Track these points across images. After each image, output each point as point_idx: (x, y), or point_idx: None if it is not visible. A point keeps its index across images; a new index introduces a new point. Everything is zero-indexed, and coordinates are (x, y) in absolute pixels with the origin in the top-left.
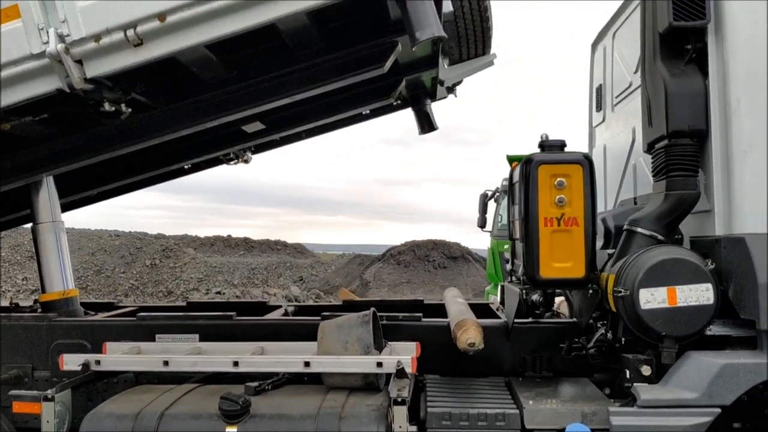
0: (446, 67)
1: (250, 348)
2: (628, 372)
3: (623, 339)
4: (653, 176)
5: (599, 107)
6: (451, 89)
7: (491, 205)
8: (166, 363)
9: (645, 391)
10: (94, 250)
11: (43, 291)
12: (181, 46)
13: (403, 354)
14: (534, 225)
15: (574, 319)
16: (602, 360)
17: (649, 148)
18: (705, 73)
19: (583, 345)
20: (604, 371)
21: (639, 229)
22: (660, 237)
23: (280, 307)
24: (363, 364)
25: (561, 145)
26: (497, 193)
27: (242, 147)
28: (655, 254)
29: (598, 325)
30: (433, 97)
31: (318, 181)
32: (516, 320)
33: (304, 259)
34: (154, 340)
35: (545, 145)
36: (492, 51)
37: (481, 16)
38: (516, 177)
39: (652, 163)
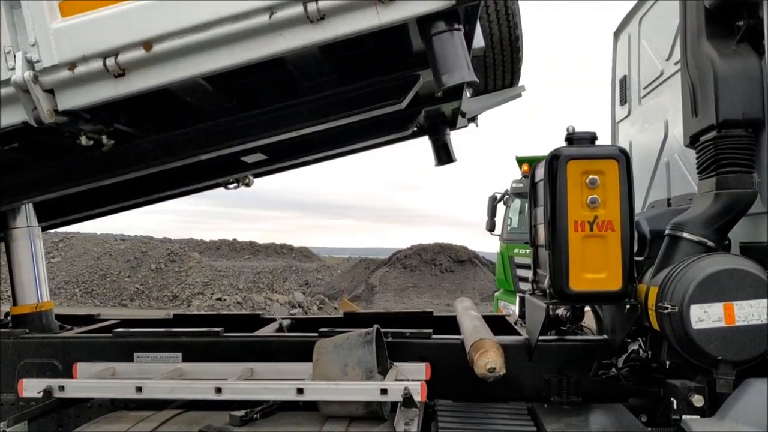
0: (469, 97)
1: (238, 370)
2: (675, 402)
3: (668, 363)
4: (699, 173)
5: (624, 100)
6: (472, 119)
7: (500, 207)
8: (139, 389)
9: (698, 426)
10: (100, 255)
11: (15, 303)
12: (169, 79)
13: (412, 377)
14: (562, 230)
15: (605, 336)
16: (636, 381)
17: (693, 141)
18: (760, 53)
19: (614, 364)
20: (639, 395)
21: (685, 234)
22: (710, 243)
23: (274, 320)
24: (365, 391)
25: (592, 138)
26: (506, 196)
27: (242, 175)
28: (708, 264)
29: (630, 341)
30: (453, 126)
31: (325, 184)
32: (539, 338)
33: (310, 263)
34: (132, 359)
35: (573, 138)
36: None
37: (512, 46)
38: (539, 175)
39: (698, 158)
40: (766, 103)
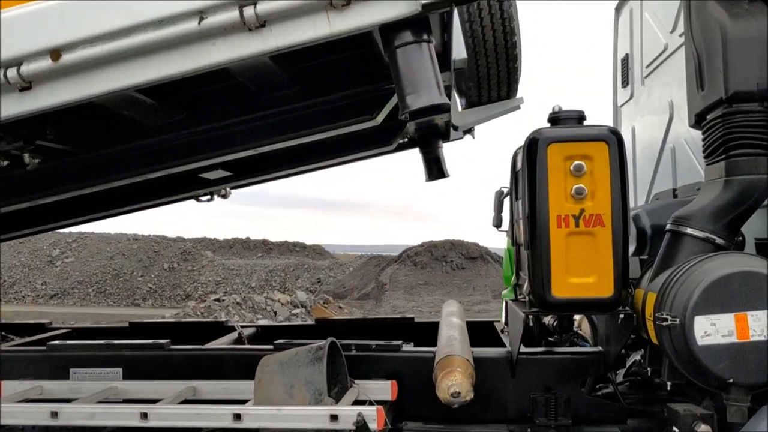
0: (460, 110)
1: (180, 388)
2: (677, 430)
3: (668, 383)
4: (706, 157)
5: (625, 82)
6: (468, 130)
7: (507, 202)
8: (54, 414)
9: None
10: (113, 254)
11: None
12: (84, 94)
13: (376, 396)
14: (543, 226)
15: (600, 348)
16: (636, 399)
17: (699, 119)
18: None
19: (611, 380)
20: (640, 415)
21: (689, 230)
22: (719, 240)
23: (234, 329)
24: (311, 417)
25: (579, 117)
26: None
27: (216, 188)
28: (716, 265)
29: (631, 354)
30: (446, 138)
31: (339, 181)
32: (522, 351)
33: (323, 261)
34: (68, 375)
35: (558, 117)
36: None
37: (508, 53)
38: (520, 162)
39: (704, 140)
40: None
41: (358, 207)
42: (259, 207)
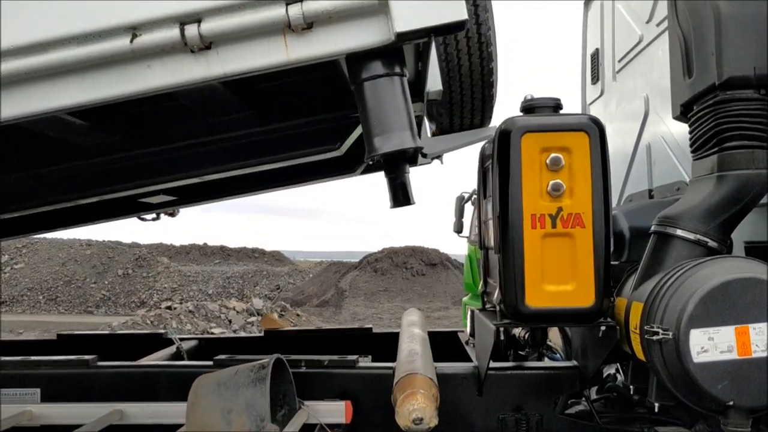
0: (430, 135)
1: (104, 411)
2: None
3: (656, 405)
4: (694, 152)
5: (595, 78)
6: (437, 156)
7: (468, 208)
8: None
9: None
10: (65, 260)
11: None
12: None
13: (327, 419)
14: (515, 227)
15: (575, 363)
16: (614, 418)
17: (685, 110)
18: None
19: (586, 397)
20: None
21: (678, 231)
22: (712, 243)
23: (172, 343)
24: None
25: (555, 105)
26: (474, 196)
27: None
28: (713, 272)
29: (607, 368)
30: (413, 163)
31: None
32: (491, 365)
33: (282, 267)
34: None
35: (533, 106)
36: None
37: (484, 80)
38: (489, 157)
39: (691, 132)
40: None
41: (319, 213)
42: (218, 212)
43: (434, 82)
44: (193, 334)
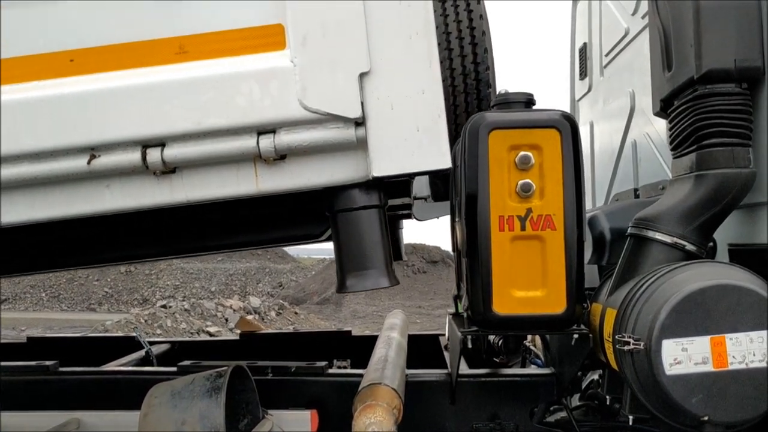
0: (426, 201)
1: (61, 419)
2: None
3: (630, 417)
4: (673, 150)
5: (583, 74)
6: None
7: None
8: None
9: None
10: None
11: None
12: None
13: (293, 428)
14: (482, 229)
15: (552, 370)
16: (594, 427)
17: (665, 106)
18: None
19: (565, 405)
20: None
21: (655, 234)
22: (690, 246)
23: (141, 347)
24: None
25: (527, 101)
26: None
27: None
28: (688, 277)
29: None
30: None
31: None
32: (464, 372)
33: (285, 265)
34: None
35: (504, 101)
36: None
37: None
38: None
39: (670, 129)
40: (766, 45)
41: None
42: None
43: (420, 188)
44: (188, 333)
